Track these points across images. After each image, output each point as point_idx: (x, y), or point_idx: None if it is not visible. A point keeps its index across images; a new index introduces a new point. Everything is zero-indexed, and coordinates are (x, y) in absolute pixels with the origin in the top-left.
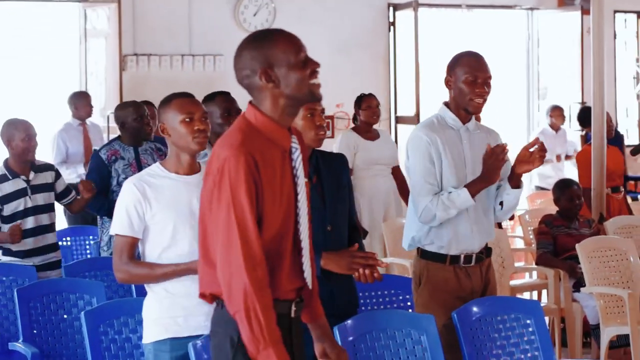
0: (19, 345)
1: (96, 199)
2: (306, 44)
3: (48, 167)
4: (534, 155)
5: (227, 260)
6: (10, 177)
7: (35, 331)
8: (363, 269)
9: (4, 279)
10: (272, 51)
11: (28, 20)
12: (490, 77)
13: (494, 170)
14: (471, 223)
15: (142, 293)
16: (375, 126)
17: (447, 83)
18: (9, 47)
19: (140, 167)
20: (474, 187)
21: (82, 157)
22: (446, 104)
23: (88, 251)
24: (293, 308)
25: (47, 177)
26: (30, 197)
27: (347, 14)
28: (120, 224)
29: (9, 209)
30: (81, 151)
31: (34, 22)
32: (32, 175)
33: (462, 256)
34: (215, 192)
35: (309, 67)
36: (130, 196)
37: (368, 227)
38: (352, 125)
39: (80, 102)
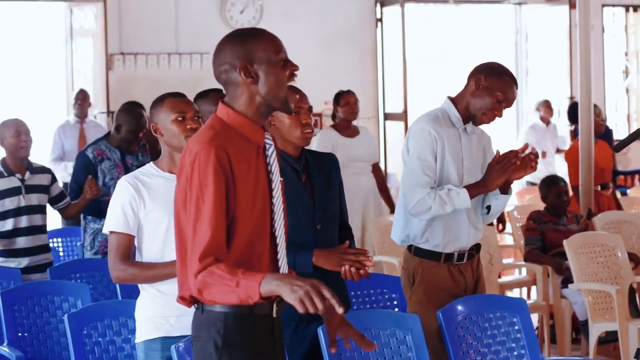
0: (3, 349)
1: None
2: (293, 41)
3: (45, 170)
4: (526, 161)
5: (192, 247)
6: (6, 175)
7: (20, 334)
8: (349, 267)
9: None
10: (254, 47)
11: (14, 19)
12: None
13: (499, 176)
14: (467, 221)
15: (128, 295)
16: (355, 122)
17: (478, 83)
18: None
19: (126, 168)
20: (473, 191)
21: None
22: (452, 100)
23: (75, 252)
24: (275, 308)
25: (42, 179)
26: (24, 196)
27: (334, 10)
28: (115, 221)
29: (1, 205)
30: (75, 149)
31: (20, 22)
32: (27, 175)
33: (456, 254)
34: (187, 188)
35: (288, 68)
36: (124, 193)
37: None
38: (332, 122)
39: (76, 99)
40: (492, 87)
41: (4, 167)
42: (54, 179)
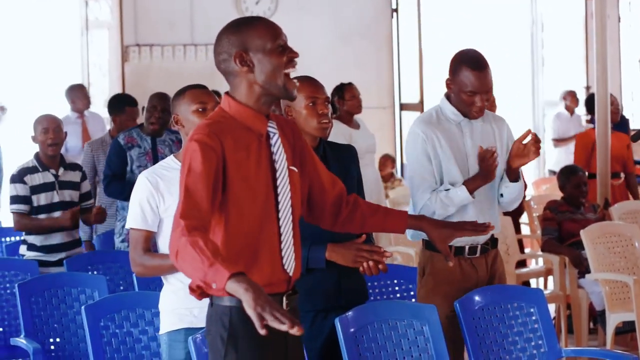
0: (20, 341)
1: (115, 184)
2: (308, 32)
3: (76, 166)
4: (528, 147)
5: (176, 220)
6: (40, 170)
7: (37, 326)
8: (367, 262)
9: (6, 273)
10: (249, 36)
11: (30, 11)
12: (491, 89)
13: (489, 171)
14: (477, 214)
15: (145, 287)
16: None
17: (448, 86)
18: (10, 38)
19: (155, 157)
20: (473, 184)
21: (80, 151)
22: (447, 97)
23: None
24: (285, 301)
25: (74, 176)
26: (57, 192)
27: (349, 1)
28: (134, 217)
29: (36, 200)
30: (79, 145)
31: (36, 14)
32: (61, 170)
33: (467, 247)
34: (181, 175)
35: (286, 55)
36: (143, 190)
37: None
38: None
39: (76, 94)
40: (459, 86)
41: (39, 162)
42: (84, 177)
